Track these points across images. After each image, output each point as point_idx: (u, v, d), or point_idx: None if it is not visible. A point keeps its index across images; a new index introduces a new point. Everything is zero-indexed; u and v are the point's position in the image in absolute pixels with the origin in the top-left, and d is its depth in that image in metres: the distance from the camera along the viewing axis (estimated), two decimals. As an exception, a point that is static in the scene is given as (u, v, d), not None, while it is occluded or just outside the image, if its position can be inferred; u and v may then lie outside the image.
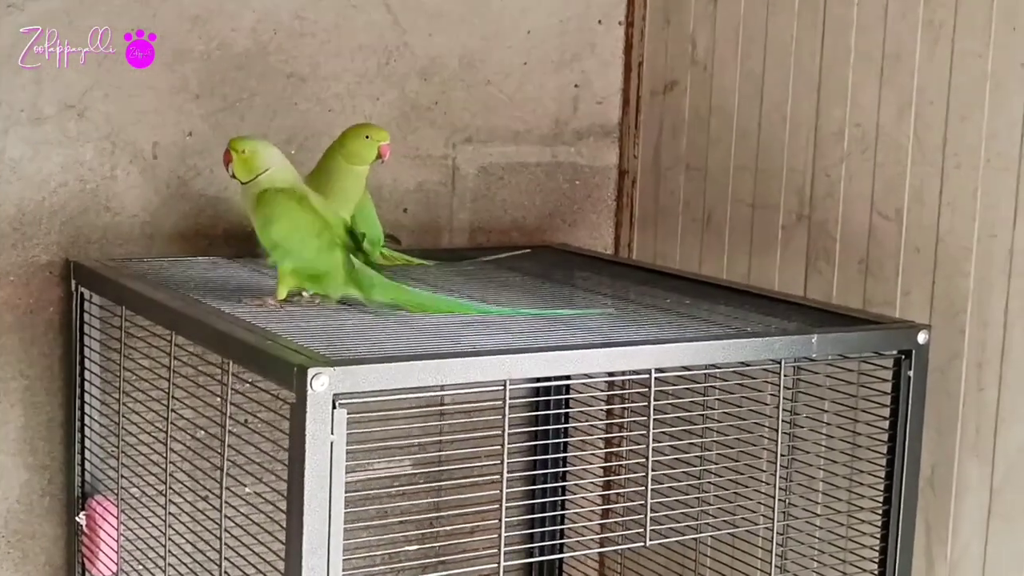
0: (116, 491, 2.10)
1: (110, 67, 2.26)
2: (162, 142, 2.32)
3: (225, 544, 1.74)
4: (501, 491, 1.66)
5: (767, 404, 1.86)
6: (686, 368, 1.78)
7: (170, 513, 1.91)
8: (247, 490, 1.75)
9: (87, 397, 2.19)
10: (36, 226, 2.24)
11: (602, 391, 2.42)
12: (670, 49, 2.60)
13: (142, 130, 2.30)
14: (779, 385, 1.83)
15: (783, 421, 1.87)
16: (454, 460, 2.34)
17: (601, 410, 2.43)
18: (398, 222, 2.53)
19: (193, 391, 1.87)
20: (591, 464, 2.39)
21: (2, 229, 2.21)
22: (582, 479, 2.44)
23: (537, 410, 2.54)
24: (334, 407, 1.52)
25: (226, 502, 1.74)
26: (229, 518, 1.74)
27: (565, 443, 2.48)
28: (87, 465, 2.21)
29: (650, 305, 2.08)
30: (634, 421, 2.35)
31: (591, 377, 2.24)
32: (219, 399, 1.76)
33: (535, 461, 2.56)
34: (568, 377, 2.33)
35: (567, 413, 2.53)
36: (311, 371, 1.51)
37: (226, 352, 1.72)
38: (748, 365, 1.84)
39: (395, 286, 1.92)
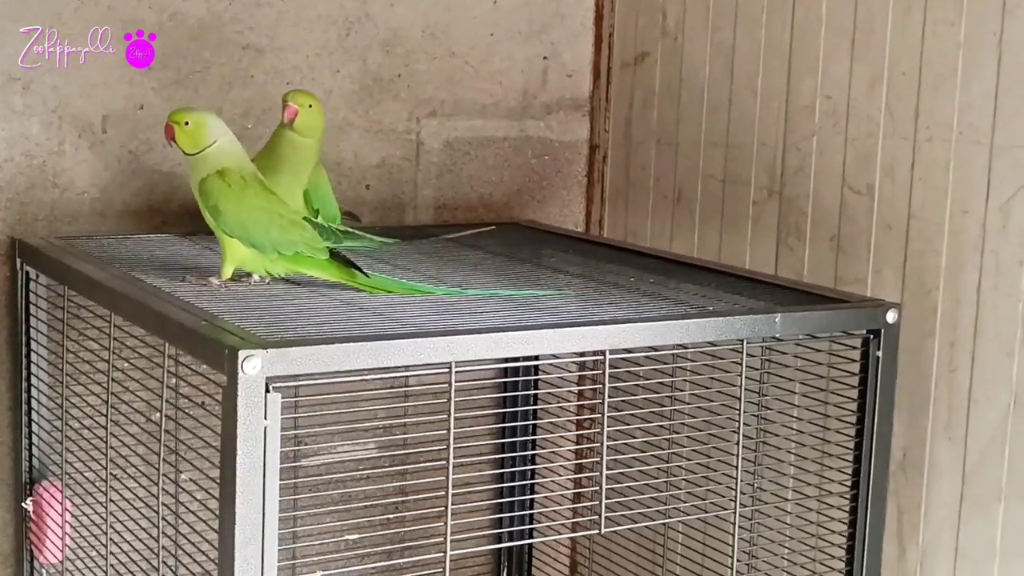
0: (61, 477, 2.03)
1: (56, 39, 2.18)
2: (112, 115, 2.25)
3: (164, 533, 1.67)
4: (447, 477, 1.59)
5: (735, 386, 1.79)
6: (644, 349, 1.71)
7: (111, 500, 1.84)
8: (183, 477, 1.68)
9: (33, 380, 2.12)
10: (-20, 203, 2.17)
11: (571, 372, 2.35)
12: (640, 20, 2.53)
13: (90, 103, 2.23)
14: (742, 365, 1.76)
15: (749, 403, 1.80)
16: (418, 443, 2.29)
17: (570, 392, 2.36)
18: (360, 198, 2.46)
19: (133, 374, 1.79)
20: (560, 447, 2.33)
21: (-55, 206, 2.14)
22: (551, 462, 2.38)
23: (505, 391, 2.49)
24: (267, 391, 1.45)
25: (164, 490, 1.68)
26: (167, 506, 1.68)
27: (534, 425, 2.42)
28: (34, 450, 2.14)
29: (612, 284, 2.01)
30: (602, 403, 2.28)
31: (557, 358, 2.17)
32: (158, 383, 1.69)
33: (503, 444, 2.50)
34: (536, 358, 2.26)
35: (535, 395, 2.47)
36: (242, 353, 1.44)
37: (163, 333, 1.65)
38: (713, 345, 1.77)
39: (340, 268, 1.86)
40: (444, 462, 1.61)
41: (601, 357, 1.67)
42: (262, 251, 1.84)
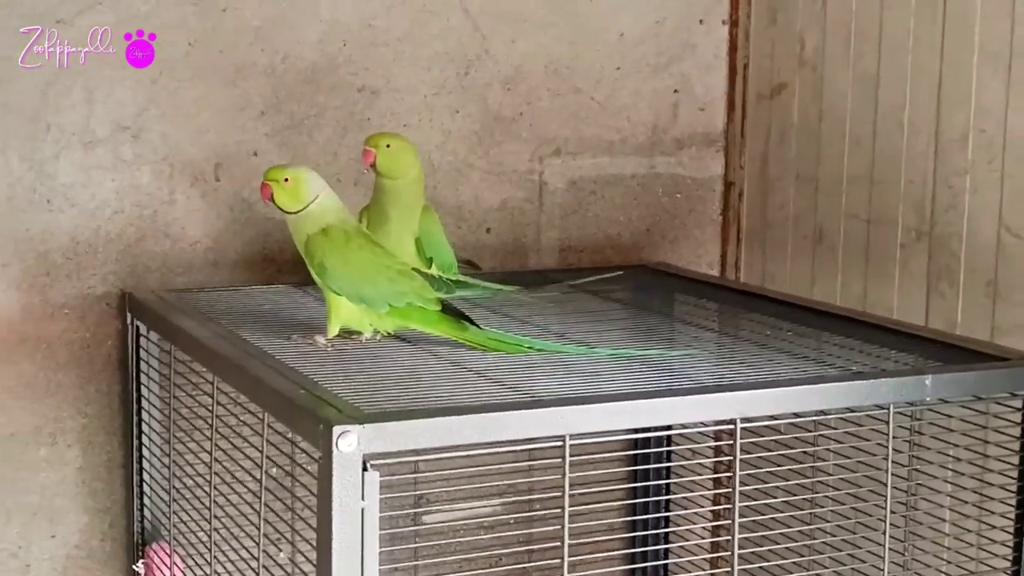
0: (169, 540, 1.96)
1: (166, 84, 2.12)
2: (225, 163, 2.17)
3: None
4: (562, 559, 1.46)
5: (876, 455, 1.63)
6: (773, 417, 1.56)
7: (216, 572, 1.76)
8: (281, 555, 1.59)
9: (144, 438, 2.05)
10: (91, 256, 2.11)
11: (704, 440, 2.19)
12: (777, 49, 2.38)
13: (202, 150, 2.16)
14: (888, 433, 1.60)
15: (895, 475, 1.63)
16: (544, 505, 2.17)
17: (703, 461, 2.19)
18: (480, 243, 2.35)
19: (233, 439, 1.71)
20: (694, 524, 2.16)
21: (55, 260, 2.09)
22: (685, 540, 2.22)
23: (636, 462, 2.33)
24: (365, 469, 1.34)
25: (264, 566, 1.58)
26: (268, 582, 1.58)
27: (667, 500, 2.26)
28: (145, 511, 2.07)
29: (747, 339, 1.86)
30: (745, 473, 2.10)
31: (685, 427, 2.02)
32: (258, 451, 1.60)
33: (635, 512, 2.35)
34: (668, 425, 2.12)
35: (668, 467, 2.30)
36: (337, 429, 1.33)
37: (261, 401, 1.56)
38: (854, 411, 1.61)
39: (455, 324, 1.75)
40: (572, 531, 1.49)
41: (732, 426, 1.53)
42: (372, 305, 1.74)
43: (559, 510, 1.46)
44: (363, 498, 1.35)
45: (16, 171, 2.05)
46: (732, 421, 1.51)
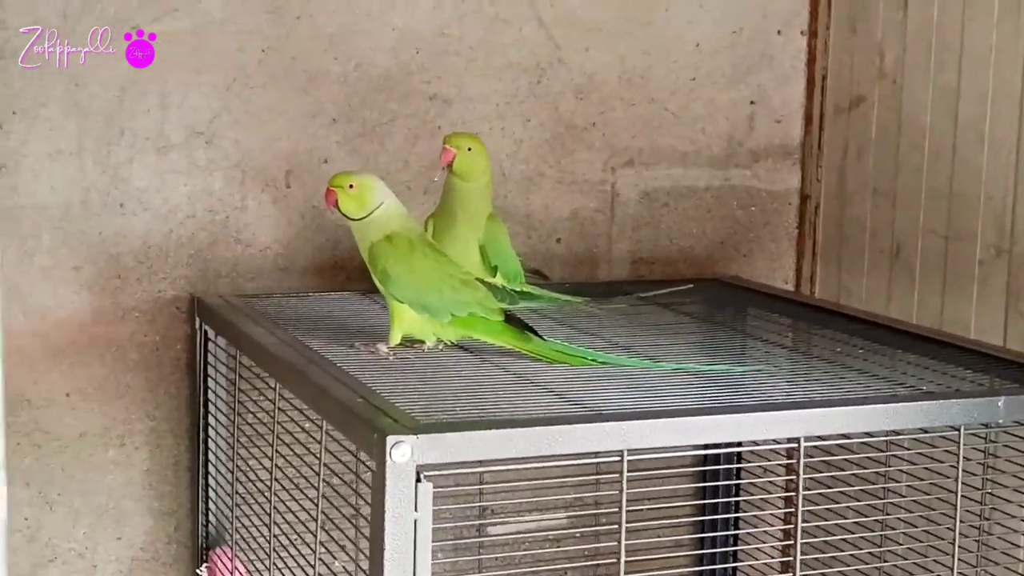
0: (231, 544, 1.96)
1: (239, 91, 2.13)
2: (296, 169, 2.18)
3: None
4: (619, 573, 1.44)
5: (948, 477, 1.59)
6: (844, 436, 1.52)
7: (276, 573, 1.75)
8: (337, 565, 1.58)
9: (211, 443, 2.06)
10: (162, 259, 2.13)
11: (773, 458, 2.14)
12: (856, 61, 2.33)
13: (274, 157, 2.17)
14: (959, 455, 1.56)
15: (966, 498, 1.59)
16: (611, 519, 2.15)
17: (773, 479, 2.14)
18: (550, 253, 2.33)
19: (294, 446, 1.70)
20: (764, 543, 2.12)
21: (127, 263, 2.11)
22: (755, 558, 2.18)
23: (704, 478, 2.30)
24: (418, 480, 1.33)
25: (320, 575, 1.57)
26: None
27: (736, 518, 2.23)
28: (211, 515, 2.08)
29: (817, 356, 1.82)
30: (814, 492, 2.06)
31: (757, 444, 1.98)
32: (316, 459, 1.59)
33: (704, 528, 2.32)
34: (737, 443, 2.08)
35: (737, 479, 2.27)
36: (391, 439, 1.32)
37: (320, 408, 1.55)
38: (926, 432, 1.57)
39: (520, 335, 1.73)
40: (637, 547, 1.46)
41: (796, 444, 1.49)
42: (434, 315, 1.73)
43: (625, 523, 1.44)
44: (416, 509, 1.34)
45: (90, 175, 2.07)
46: (796, 439, 1.48)
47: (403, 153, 2.23)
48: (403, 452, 1.33)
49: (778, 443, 1.73)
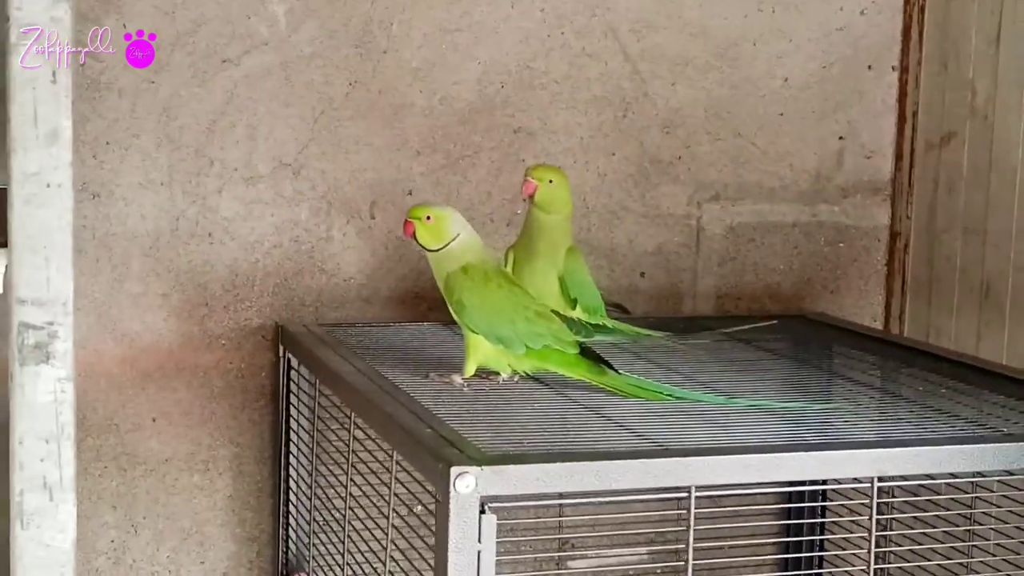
0: (308, 572, 1.98)
1: (326, 123, 2.16)
2: (380, 201, 2.21)
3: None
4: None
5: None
6: (920, 477, 1.49)
7: (347, 604, 1.77)
8: (404, 593, 1.59)
9: (292, 470, 2.08)
10: (248, 288, 2.16)
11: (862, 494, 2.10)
12: (947, 97, 2.30)
13: (359, 189, 2.20)
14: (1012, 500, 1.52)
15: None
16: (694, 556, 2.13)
17: (857, 518, 2.11)
18: (634, 287, 2.33)
19: (368, 476, 1.72)
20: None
21: (214, 291, 2.15)
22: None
23: (790, 516, 2.27)
24: (482, 511, 1.34)
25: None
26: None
27: (820, 557, 2.19)
28: (291, 543, 2.10)
29: (899, 396, 1.79)
30: (901, 534, 2.02)
31: (840, 482, 1.95)
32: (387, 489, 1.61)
33: (788, 567, 2.28)
34: (823, 481, 2.05)
35: (822, 518, 2.23)
36: (455, 470, 1.33)
37: (389, 437, 1.56)
38: (982, 476, 1.53)
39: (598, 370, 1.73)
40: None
41: (869, 484, 1.47)
42: (508, 346, 1.74)
43: (706, 561, 1.43)
44: (480, 540, 1.34)
45: (180, 204, 2.12)
46: (868, 479, 1.46)
47: (486, 185, 2.24)
48: (467, 483, 1.33)
49: (860, 482, 1.71)
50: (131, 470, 2.14)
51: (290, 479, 2.09)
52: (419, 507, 1.62)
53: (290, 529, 2.10)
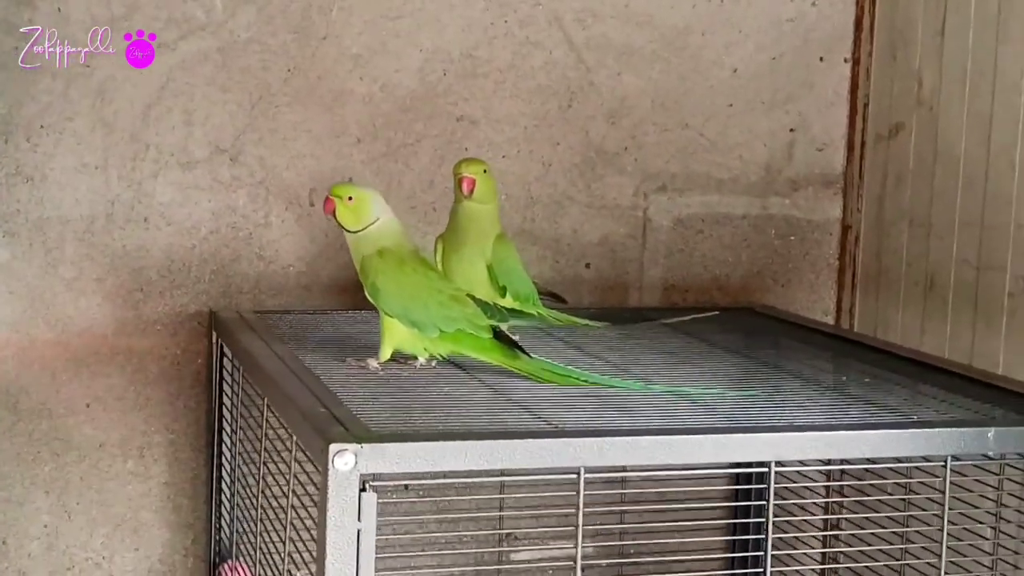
0: (234, 556, 1.97)
1: (264, 109, 2.15)
2: (320, 188, 2.19)
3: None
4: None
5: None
6: (803, 463, 1.47)
7: (261, 589, 1.75)
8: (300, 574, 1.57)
9: (223, 458, 2.07)
10: (185, 274, 2.15)
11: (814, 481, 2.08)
12: (896, 88, 2.27)
13: (298, 175, 2.18)
14: (945, 488, 1.49)
15: (952, 523, 1.52)
16: (639, 549, 2.11)
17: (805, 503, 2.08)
18: (578, 277, 2.31)
19: (279, 462, 1.70)
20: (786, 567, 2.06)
21: (149, 276, 2.14)
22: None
23: (737, 499, 2.24)
24: (363, 490, 1.32)
25: (287, 586, 1.57)
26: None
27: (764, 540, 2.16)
28: (223, 531, 2.08)
29: (826, 385, 1.76)
30: (845, 518, 1.99)
31: (784, 464, 1.92)
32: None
33: (735, 548, 2.26)
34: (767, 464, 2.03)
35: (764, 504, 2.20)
36: (333, 447, 1.31)
37: (288, 419, 1.55)
38: (901, 461, 1.51)
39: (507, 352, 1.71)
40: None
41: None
42: (422, 329, 1.72)
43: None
44: (360, 519, 1.32)
45: (115, 188, 2.11)
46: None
47: (428, 174, 2.23)
48: (346, 460, 1.31)
49: (805, 464, 1.68)
50: (64, 455, 2.13)
51: (222, 467, 2.08)
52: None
53: (222, 518, 2.08)
